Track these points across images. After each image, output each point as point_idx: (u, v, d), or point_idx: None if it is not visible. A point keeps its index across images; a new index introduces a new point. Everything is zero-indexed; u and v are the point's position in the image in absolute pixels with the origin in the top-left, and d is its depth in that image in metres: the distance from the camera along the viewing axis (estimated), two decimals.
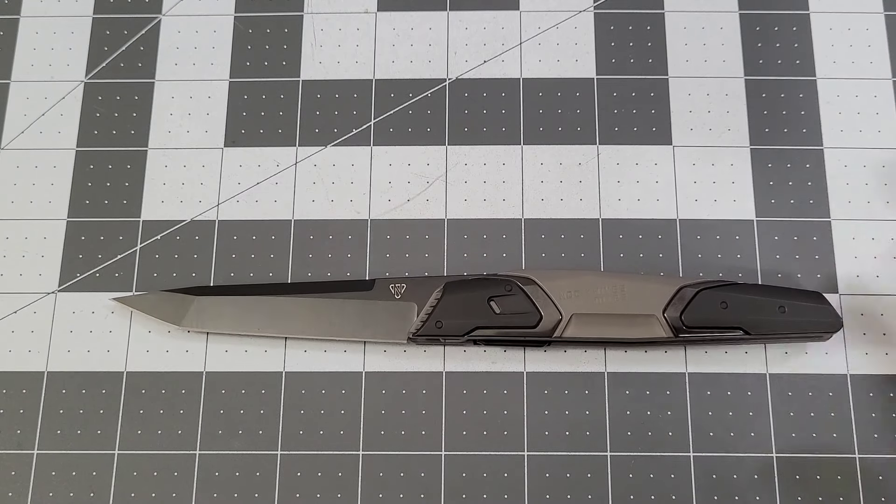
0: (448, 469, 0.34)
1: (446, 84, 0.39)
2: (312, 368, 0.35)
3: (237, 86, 0.39)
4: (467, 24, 0.40)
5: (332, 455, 0.34)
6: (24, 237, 0.37)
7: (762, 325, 0.33)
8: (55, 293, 0.36)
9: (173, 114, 0.39)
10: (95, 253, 0.37)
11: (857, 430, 0.34)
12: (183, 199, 0.37)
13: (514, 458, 0.34)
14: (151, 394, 0.35)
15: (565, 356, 0.35)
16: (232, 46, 0.40)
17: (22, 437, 0.34)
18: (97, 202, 0.37)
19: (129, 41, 0.40)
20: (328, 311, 0.34)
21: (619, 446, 0.34)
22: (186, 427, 0.34)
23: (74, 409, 0.35)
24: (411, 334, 0.34)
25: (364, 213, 0.37)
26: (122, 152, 0.38)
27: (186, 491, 0.34)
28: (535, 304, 0.33)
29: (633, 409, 0.34)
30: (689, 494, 0.33)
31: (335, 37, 0.40)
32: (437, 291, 0.34)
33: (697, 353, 0.35)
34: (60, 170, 0.38)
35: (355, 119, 0.38)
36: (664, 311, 0.33)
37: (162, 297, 0.35)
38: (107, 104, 0.39)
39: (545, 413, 0.34)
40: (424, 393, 0.35)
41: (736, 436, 0.34)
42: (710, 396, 0.34)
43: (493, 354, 0.35)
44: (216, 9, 0.40)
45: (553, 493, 0.33)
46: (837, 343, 0.35)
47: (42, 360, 0.35)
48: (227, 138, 0.38)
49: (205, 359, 0.35)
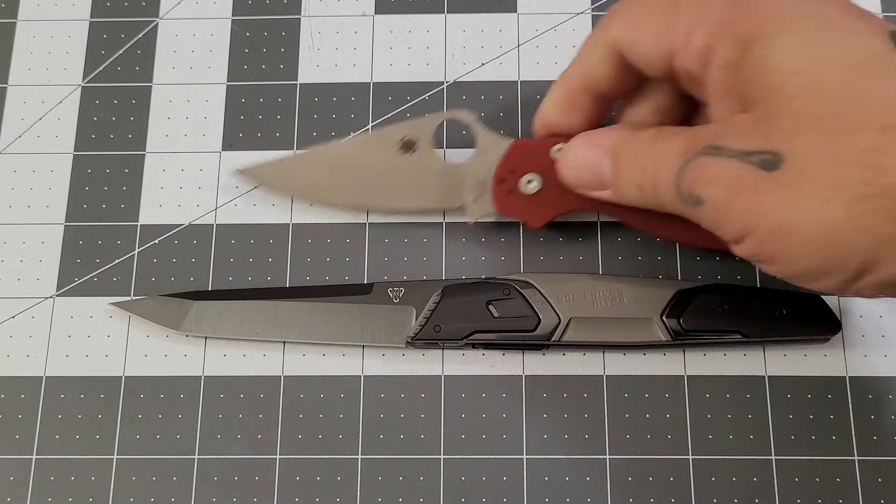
0: (447, 473, 0.34)
1: (444, 87, 0.39)
2: (311, 372, 0.35)
3: (235, 89, 0.39)
4: (465, 27, 0.40)
5: (331, 459, 0.34)
6: (21, 242, 0.37)
7: (761, 328, 0.33)
8: (53, 298, 0.36)
9: (171, 118, 0.39)
10: (93, 257, 0.37)
11: (856, 432, 0.34)
12: (181, 203, 0.37)
13: (512, 461, 0.34)
14: (150, 398, 0.35)
15: (564, 360, 0.35)
16: (229, 50, 0.40)
17: (20, 443, 0.34)
18: (95, 206, 0.37)
19: (127, 45, 0.40)
20: (326, 315, 0.34)
21: (617, 449, 0.34)
22: (185, 431, 0.34)
23: (73, 413, 0.35)
24: (410, 338, 0.34)
25: (362, 216, 0.37)
26: (119, 156, 0.38)
27: (185, 495, 0.34)
28: (533, 307, 0.33)
29: (632, 412, 0.34)
30: (688, 497, 0.33)
31: (332, 40, 0.40)
32: (436, 295, 0.34)
33: (696, 356, 0.35)
34: (58, 174, 0.38)
35: (353, 122, 0.38)
36: (662, 314, 0.33)
37: (160, 301, 0.35)
38: (104, 108, 0.39)
39: (544, 416, 0.34)
40: (423, 397, 0.35)
41: (735, 438, 0.34)
42: (709, 399, 0.34)
43: (491, 358, 0.35)
44: (213, 12, 0.40)
45: (552, 496, 0.33)
46: (836, 345, 0.35)
47: (40, 364, 0.35)
48: (224, 142, 0.38)
49: (203, 363, 0.35)
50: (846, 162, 0.22)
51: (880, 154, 0.22)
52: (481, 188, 0.34)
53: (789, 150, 0.23)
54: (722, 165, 0.25)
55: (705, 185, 0.25)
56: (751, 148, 0.24)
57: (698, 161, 0.25)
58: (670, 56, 0.27)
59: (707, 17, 0.26)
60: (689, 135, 0.27)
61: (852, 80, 0.23)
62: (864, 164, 0.22)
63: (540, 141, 0.33)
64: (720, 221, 0.25)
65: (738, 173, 0.24)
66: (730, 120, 0.26)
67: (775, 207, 0.23)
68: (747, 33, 0.25)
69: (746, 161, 0.24)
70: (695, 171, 0.26)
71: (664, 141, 0.27)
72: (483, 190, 0.34)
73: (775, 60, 0.24)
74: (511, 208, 0.34)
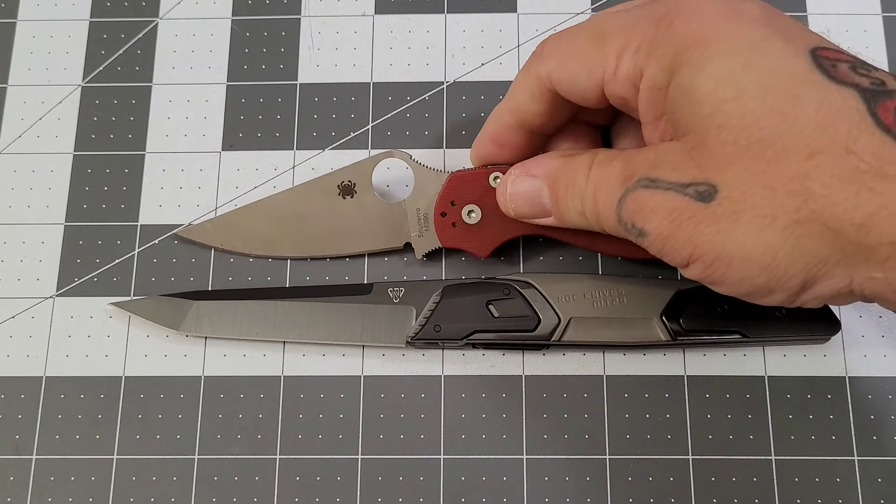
0: (447, 473, 0.34)
1: (444, 87, 0.39)
2: (311, 372, 0.35)
3: (235, 89, 0.39)
4: (465, 27, 0.40)
5: (331, 459, 0.34)
6: (21, 242, 0.37)
7: (760, 327, 0.33)
8: (53, 298, 0.36)
9: (171, 118, 0.39)
10: (93, 257, 0.37)
11: (856, 432, 0.34)
12: (181, 203, 0.37)
13: (512, 461, 0.34)
14: (150, 398, 0.35)
15: (564, 360, 0.35)
16: (229, 50, 0.40)
17: (20, 443, 0.34)
18: (95, 206, 0.37)
19: (127, 45, 0.40)
20: (327, 315, 0.34)
21: (617, 449, 0.34)
22: (185, 431, 0.34)
23: (73, 414, 0.35)
24: (410, 338, 0.34)
25: None
26: (119, 156, 0.38)
27: (185, 495, 0.34)
28: (533, 307, 0.33)
29: (632, 412, 0.34)
30: (688, 497, 0.33)
31: (332, 40, 0.40)
32: (436, 295, 0.34)
33: (696, 356, 0.35)
34: (58, 174, 0.38)
35: (353, 122, 0.38)
36: (662, 314, 0.33)
37: (160, 301, 0.35)
38: (104, 108, 0.39)
39: (544, 416, 0.34)
40: (423, 397, 0.35)
41: (734, 438, 0.34)
42: (709, 399, 0.34)
43: (491, 358, 0.35)
44: (213, 12, 0.40)
45: (552, 496, 0.33)
46: (836, 345, 0.35)
47: (40, 364, 0.35)
48: (224, 142, 0.38)
49: (203, 363, 0.35)
50: (777, 191, 0.23)
51: (808, 181, 0.23)
52: (425, 223, 0.35)
53: (722, 180, 0.24)
54: (660, 198, 0.25)
55: (646, 218, 0.26)
56: (686, 180, 0.25)
57: (637, 194, 0.26)
58: (602, 85, 0.28)
59: (633, 42, 0.26)
60: (624, 163, 0.27)
61: (777, 106, 0.23)
62: (794, 191, 0.23)
63: (477, 171, 0.34)
64: (665, 251, 0.26)
65: (676, 206, 0.25)
66: (663, 149, 0.26)
67: (715, 237, 0.24)
68: (672, 57, 0.25)
69: (683, 193, 0.25)
70: (635, 204, 0.26)
71: (600, 169, 0.28)
72: (427, 225, 0.35)
73: (703, 90, 0.24)
74: (456, 240, 0.34)
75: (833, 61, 0.24)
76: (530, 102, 0.30)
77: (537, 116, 0.31)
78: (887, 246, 0.22)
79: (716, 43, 0.24)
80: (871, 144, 0.22)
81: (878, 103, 0.23)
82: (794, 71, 0.24)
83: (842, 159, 0.22)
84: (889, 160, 0.22)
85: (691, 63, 0.25)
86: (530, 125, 0.31)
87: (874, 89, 0.23)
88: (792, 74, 0.24)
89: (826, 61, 0.24)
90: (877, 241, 0.22)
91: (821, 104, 0.23)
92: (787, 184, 0.23)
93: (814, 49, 0.24)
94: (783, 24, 0.25)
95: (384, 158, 0.35)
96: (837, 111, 0.23)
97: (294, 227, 0.36)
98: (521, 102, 0.31)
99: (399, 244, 0.35)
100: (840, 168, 0.22)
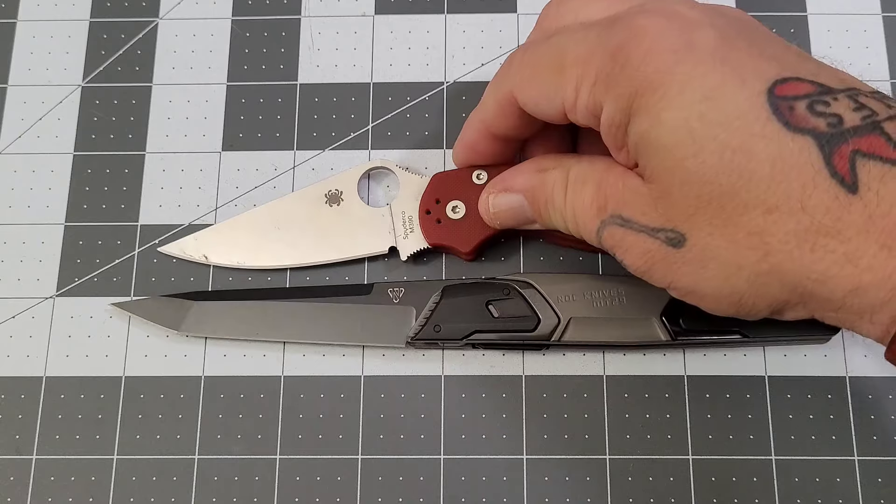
0: (447, 473, 0.34)
1: (444, 87, 0.39)
2: (311, 373, 0.35)
3: (235, 89, 0.39)
4: (465, 27, 0.40)
5: (331, 459, 0.34)
6: (21, 242, 0.37)
7: (760, 328, 0.33)
8: (53, 298, 0.36)
9: (171, 118, 0.39)
10: (93, 257, 0.37)
11: (856, 432, 0.34)
12: (181, 204, 0.37)
13: (512, 461, 0.34)
14: (150, 399, 0.35)
15: (564, 360, 0.35)
16: (229, 50, 0.40)
17: (20, 443, 0.34)
18: (95, 207, 0.37)
19: (127, 45, 0.40)
20: (327, 315, 0.34)
21: (617, 449, 0.34)
22: (185, 432, 0.34)
23: (73, 414, 0.35)
24: (410, 338, 0.34)
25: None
26: (119, 156, 0.38)
27: (185, 495, 0.34)
28: (533, 307, 0.33)
29: (632, 412, 0.34)
30: (688, 497, 0.33)
31: (332, 40, 0.40)
32: (436, 295, 0.34)
33: (696, 355, 0.35)
34: (58, 174, 0.38)
35: (353, 123, 0.38)
36: (662, 314, 0.33)
37: (160, 301, 0.35)
38: (104, 108, 0.39)
39: (544, 417, 0.34)
40: (423, 397, 0.35)
41: (734, 438, 0.34)
42: (709, 399, 0.34)
43: (491, 358, 0.35)
44: (213, 12, 0.40)
45: (552, 496, 0.33)
46: (836, 345, 0.35)
47: (40, 364, 0.35)
48: (224, 142, 0.38)
49: (203, 363, 0.35)
50: (740, 244, 0.25)
51: (766, 236, 0.24)
52: (410, 224, 0.35)
53: (689, 230, 0.25)
54: (633, 238, 0.27)
55: (623, 253, 0.28)
56: (655, 225, 0.26)
57: (612, 230, 0.27)
58: (563, 112, 0.28)
59: (590, 74, 0.27)
60: (595, 189, 0.28)
61: (735, 162, 0.24)
62: (754, 246, 0.24)
63: (460, 171, 0.35)
64: (645, 278, 0.28)
65: (649, 247, 0.27)
66: (632, 189, 0.27)
67: (687, 277, 0.26)
68: (629, 98, 0.25)
69: (654, 237, 0.26)
70: (612, 239, 0.28)
71: (574, 194, 0.29)
72: (412, 225, 0.35)
73: (663, 142, 0.25)
74: (441, 237, 0.35)
75: (791, 101, 0.24)
76: (498, 116, 0.31)
77: (506, 129, 0.32)
78: (841, 298, 0.24)
79: (671, 89, 0.25)
80: (824, 200, 0.23)
81: (833, 150, 0.23)
82: (749, 123, 0.24)
83: (796, 216, 0.23)
84: (839, 216, 0.23)
85: (649, 110, 0.25)
86: (503, 136, 0.32)
87: (831, 133, 0.23)
88: (747, 128, 0.24)
89: (784, 103, 0.24)
90: (831, 294, 0.24)
91: (775, 161, 0.23)
92: (748, 238, 0.24)
93: (772, 87, 0.24)
94: (738, 59, 0.25)
95: (370, 167, 0.36)
96: (792, 167, 0.23)
97: (282, 238, 0.36)
98: (490, 115, 0.31)
99: (384, 248, 0.35)
100: (795, 225, 0.23)
